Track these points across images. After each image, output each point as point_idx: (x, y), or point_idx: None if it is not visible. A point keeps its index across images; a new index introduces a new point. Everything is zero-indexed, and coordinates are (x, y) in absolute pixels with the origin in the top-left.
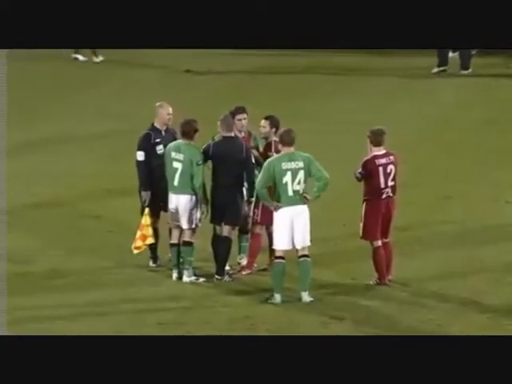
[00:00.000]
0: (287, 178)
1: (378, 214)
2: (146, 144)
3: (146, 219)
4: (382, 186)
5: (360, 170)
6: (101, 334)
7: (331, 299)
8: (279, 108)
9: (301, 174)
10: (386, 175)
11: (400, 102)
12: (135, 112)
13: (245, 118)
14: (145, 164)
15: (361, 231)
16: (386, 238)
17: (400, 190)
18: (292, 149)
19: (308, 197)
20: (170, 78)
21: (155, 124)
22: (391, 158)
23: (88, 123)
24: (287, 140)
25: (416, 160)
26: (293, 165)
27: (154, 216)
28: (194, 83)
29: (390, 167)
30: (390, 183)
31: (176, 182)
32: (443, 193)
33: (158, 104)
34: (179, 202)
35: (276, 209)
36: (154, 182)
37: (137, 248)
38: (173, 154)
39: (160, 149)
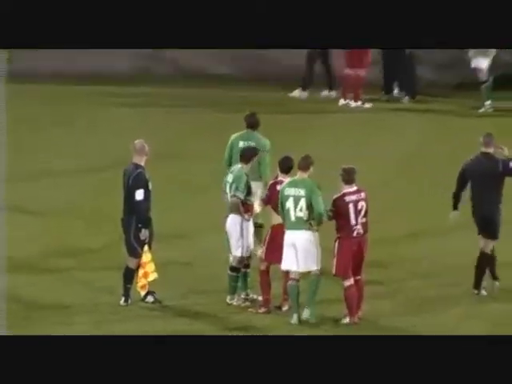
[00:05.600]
0: (289, 203)
1: (349, 252)
2: (144, 182)
3: (147, 256)
4: (353, 222)
5: (330, 207)
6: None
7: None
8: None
9: (302, 202)
10: (357, 212)
11: (368, 137)
12: (109, 148)
13: None
14: (144, 202)
15: (333, 268)
16: (358, 275)
17: (370, 226)
18: (304, 174)
19: (312, 223)
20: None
21: (137, 161)
22: (362, 194)
23: (62, 159)
24: (301, 164)
25: (385, 196)
26: (295, 191)
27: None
28: (167, 120)
29: (361, 204)
30: (361, 220)
31: None
32: (414, 228)
33: (138, 141)
34: None
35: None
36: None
37: (142, 288)
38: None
39: (150, 185)
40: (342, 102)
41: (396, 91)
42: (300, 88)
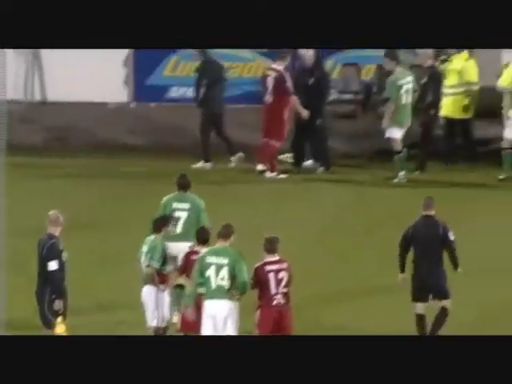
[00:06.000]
0: (210, 272)
1: (269, 321)
2: (57, 252)
3: (61, 327)
4: (273, 292)
5: (252, 276)
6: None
7: None
8: None
9: (225, 271)
10: (278, 282)
11: (284, 208)
12: (22, 218)
13: None
14: (58, 272)
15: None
16: None
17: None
18: (225, 243)
19: (234, 293)
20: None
21: (51, 232)
22: (284, 264)
23: None
24: (222, 233)
25: (303, 266)
26: (217, 260)
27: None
28: (78, 190)
29: (282, 274)
30: (282, 290)
31: None
32: (332, 298)
33: (52, 212)
34: None
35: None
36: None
37: None
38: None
39: (64, 256)
40: (259, 167)
41: (310, 162)
42: (202, 161)
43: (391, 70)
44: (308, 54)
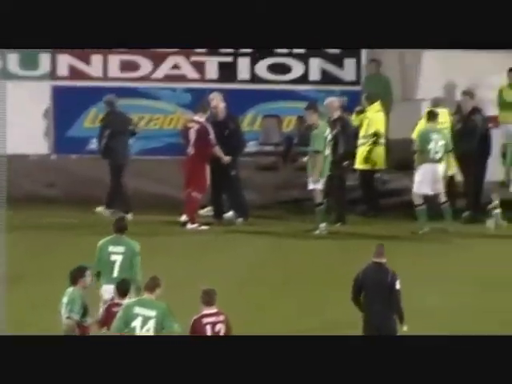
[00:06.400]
0: (136, 322)
1: None
2: None
3: None
4: None
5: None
6: None
7: None
8: None
9: (151, 323)
10: (215, 334)
11: (205, 259)
12: None
13: None
14: None
15: None
16: None
17: None
18: (151, 295)
19: None
20: None
21: None
22: (221, 317)
23: None
24: (148, 285)
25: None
26: (144, 311)
27: None
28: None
29: (219, 326)
30: None
31: None
32: None
33: None
34: None
35: None
36: None
37: None
38: None
39: None
40: (182, 218)
41: (231, 213)
42: (104, 205)
43: (312, 123)
44: (220, 107)
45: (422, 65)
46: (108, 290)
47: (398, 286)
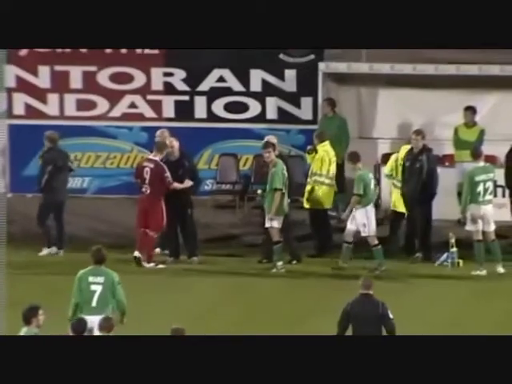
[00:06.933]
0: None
1: None
2: None
3: None
4: None
5: None
6: None
7: None
8: None
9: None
10: None
11: (164, 299)
12: None
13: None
14: None
15: None
16: None
17: None
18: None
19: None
20: None
21: None
22: None
23: None
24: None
25: None
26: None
27: None
28: None
29: None
30: None
31: None
32: None
33: None
34: None
35: None
36: None
37: None
38: None
39: None
40: (136, 254)
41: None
42: (46, 247)
43: (270, 160)
44: (174, 146)
45: (378, 103)
46: (89, 320)
47: (391, 316)
